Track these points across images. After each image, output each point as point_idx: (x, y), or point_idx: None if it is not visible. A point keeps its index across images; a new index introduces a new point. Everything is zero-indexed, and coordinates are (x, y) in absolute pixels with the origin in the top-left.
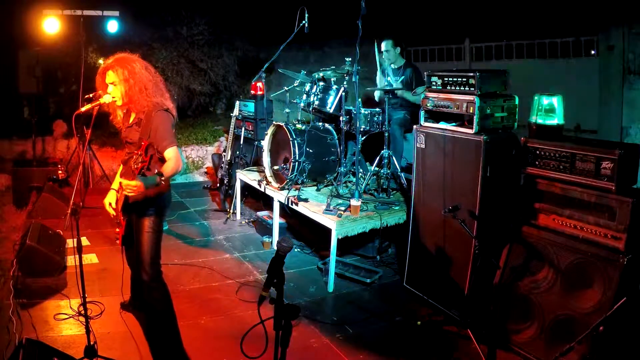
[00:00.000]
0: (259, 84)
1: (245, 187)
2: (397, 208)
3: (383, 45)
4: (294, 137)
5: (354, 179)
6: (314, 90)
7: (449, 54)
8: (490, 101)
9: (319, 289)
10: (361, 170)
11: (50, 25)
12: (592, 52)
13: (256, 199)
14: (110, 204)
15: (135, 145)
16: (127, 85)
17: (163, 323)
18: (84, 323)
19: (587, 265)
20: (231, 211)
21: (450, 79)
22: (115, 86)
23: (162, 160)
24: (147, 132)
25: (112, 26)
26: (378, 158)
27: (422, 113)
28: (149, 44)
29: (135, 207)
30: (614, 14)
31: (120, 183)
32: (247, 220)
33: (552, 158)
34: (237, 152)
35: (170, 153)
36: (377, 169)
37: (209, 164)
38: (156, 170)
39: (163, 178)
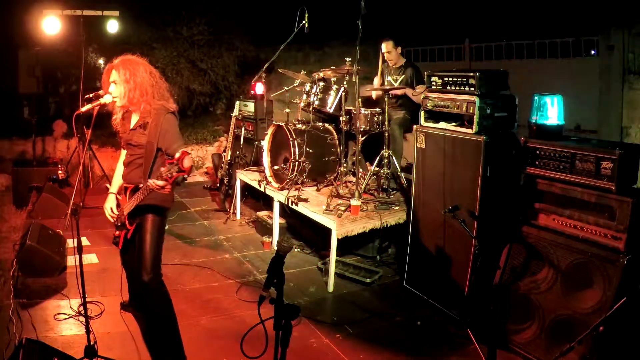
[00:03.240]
0: (259, 84)
1: (245, 187)
2: (397, 208)
3: (384, 47)
4: (294, 137)
5: (354, 179)
6: (314, 90)
7: (449, 54)
8: (490, 101)
9: (319, 289)
10: (361, 170)
11: (50, 25)
12: (592, 52)
13: (256, 199)
14: (111, 208)
15: (142, 148)
16: (127, 86)
17: (163, 324)
18: (84, 323)
19: (587, 265)
20: (231, 211)
21: (450, 79)
22: (117, 85)
23: None
24: (156, 136)
25: (112, 26)
26: (378, 158)
27: (422, 113)
28: (149, 44)
29: (139, 208)
30: (614, 15)
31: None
32: (247, 220)
33: (552, 158)
34: (237, 152)
35: None
36: (377, 169)
37: (209, 164)
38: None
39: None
